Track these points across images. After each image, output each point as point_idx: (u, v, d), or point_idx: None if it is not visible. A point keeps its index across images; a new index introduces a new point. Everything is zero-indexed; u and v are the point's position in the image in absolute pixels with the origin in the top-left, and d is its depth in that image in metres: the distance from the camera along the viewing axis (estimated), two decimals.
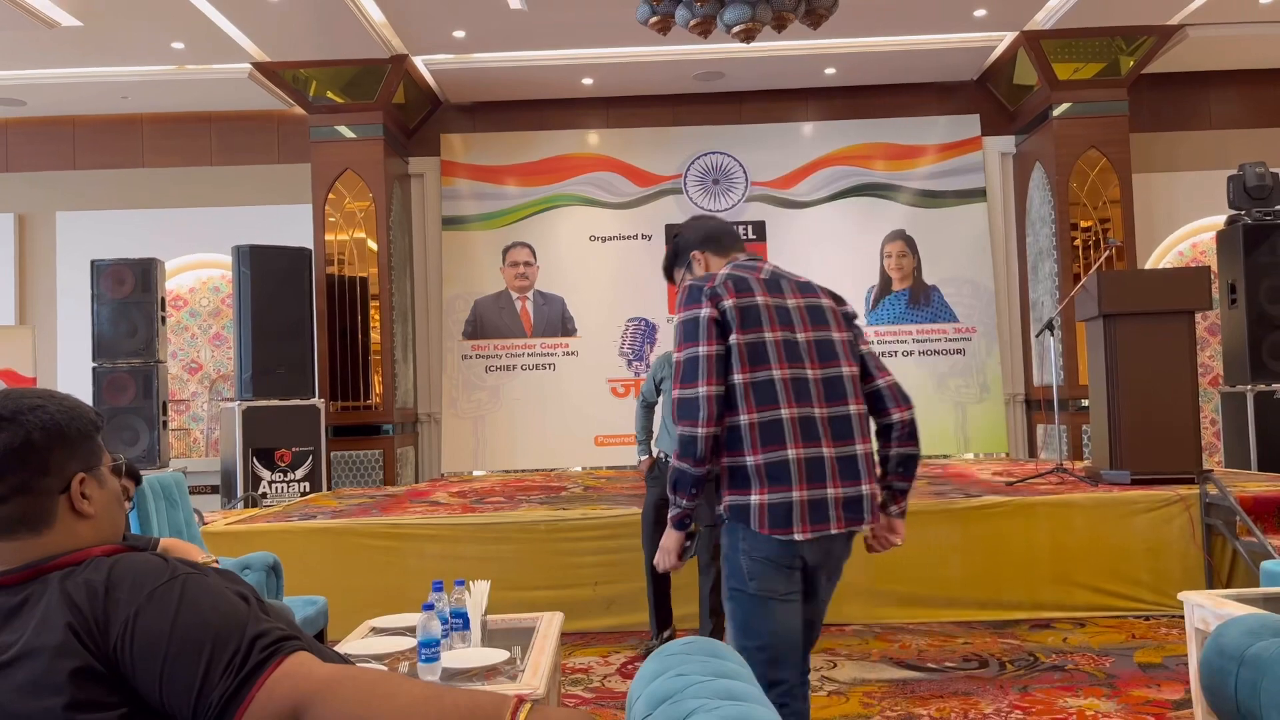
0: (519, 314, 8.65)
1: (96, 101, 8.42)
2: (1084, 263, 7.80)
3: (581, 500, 5.92)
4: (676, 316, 2.36)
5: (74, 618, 1.18)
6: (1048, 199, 8.06)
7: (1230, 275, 7.09)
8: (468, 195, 8.74)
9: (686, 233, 2.56)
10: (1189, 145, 8.59)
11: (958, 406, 8.44)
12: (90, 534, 1.32)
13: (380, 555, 5.06)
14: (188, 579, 1.23)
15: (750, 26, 5.10)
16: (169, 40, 7.31)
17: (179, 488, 4.13)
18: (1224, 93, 8.64)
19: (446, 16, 7.14)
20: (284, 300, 7.36)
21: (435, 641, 2.35)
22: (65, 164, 8.85)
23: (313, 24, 7.11)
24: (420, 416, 8.71)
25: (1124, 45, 7.71)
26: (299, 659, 1.19)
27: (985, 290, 8.57)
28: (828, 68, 8.28)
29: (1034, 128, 8.29)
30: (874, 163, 8.70)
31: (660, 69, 8.14)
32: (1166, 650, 4.32)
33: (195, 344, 8.74)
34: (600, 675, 4.22)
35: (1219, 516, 4.97)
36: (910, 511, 5.14)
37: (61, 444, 1.31)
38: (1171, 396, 5.47)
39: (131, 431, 6.91)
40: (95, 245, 7.98)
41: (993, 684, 3.90)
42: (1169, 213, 8.53)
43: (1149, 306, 5.51)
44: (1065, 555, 5.04)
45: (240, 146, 8.82)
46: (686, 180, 8.73)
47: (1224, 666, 1.85)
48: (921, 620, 4.94)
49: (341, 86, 7.97)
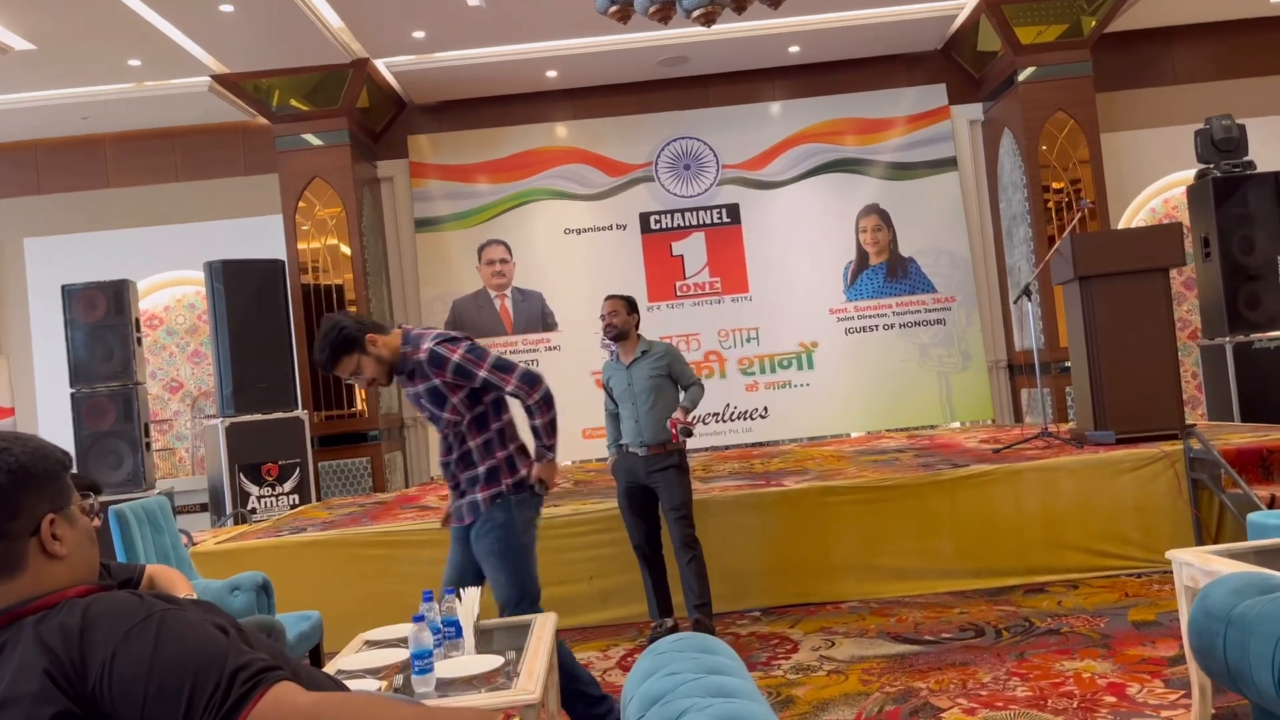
0: (498, 312, 8.62)
1: (57, 124, 8.31)
2: (1058, 225, 7.82)
3: (572, 495, 5.91)
4: (455, 357, 3.17)
5: (50, 663, 1.16)
6: (1018, 164, 8.07)
7: (1203, 229, 7.13)
8: (439, 195, 8.69)
9: (347, 327, 3.16)
10: (1155, 102, 8.62)
11: (941, 376, 8.46)
12: (64, 575, 1.31)
13: (373, 564, 5.04)
14: (165, 615, 1.22)
15: (710, 10, 5.08)
16: (125, 58, 7.22)
17: (163, 512, 4.10)
18: (1186, 48, 8.67)
19: (404, 17, 7.08)
20: (260, 313, 7.31)
21: (428, 653, 2.34)
22: (29, 189, 8.74)
23: (269, 33, 7.03)
24: (406, 421, 8.67)
25: (1085, 5, 7.72)
26: (281, 690, 1.18)
27: (962, 259, 8.59)
28: (791, 46, 8.26)
29: (1000, 94, 8.30)
30: (844, 138, 8.70)
31: (624, 57, 8.10)
32: (1160, 607, 4.35)
33: (174, 362, 8.67)
34: (600, 669, 4.23)
35: (1204, 471, 5.01)
36: (900, 485, 5.23)
37: (29, 486, 1.30)
38: (1151, 354, 5.50)
39: (115, 455, 6.86)
40: (66, 269, 7.90)
41: (990, 652, 3.93)
42: (1139, 170, 8.56)
43: (1123, 266, 5.53)
44: (1055, 519, 5.07)
45: (206, 161, 8.74)
46: (657, 167, 8.70)
47: (1211, 627, 1.87)
48: (917, 593, 4.96)
49: (304, 94, 7.89)
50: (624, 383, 4.57)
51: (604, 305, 4.64)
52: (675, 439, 4.45)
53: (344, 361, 3.15)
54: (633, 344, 4.60)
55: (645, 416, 4.49)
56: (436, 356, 3.17)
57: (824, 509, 5.11)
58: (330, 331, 3.14)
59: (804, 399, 8.44)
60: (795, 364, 8.50)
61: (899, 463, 5.90)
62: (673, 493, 4.48)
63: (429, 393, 3.24)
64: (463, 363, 3.19)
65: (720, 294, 8.56)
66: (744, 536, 5.05)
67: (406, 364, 3.23)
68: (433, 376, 3.20)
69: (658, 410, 4.49)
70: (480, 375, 3.22)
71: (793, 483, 5.37)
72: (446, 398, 3.23)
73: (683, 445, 4.54)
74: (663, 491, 4.49)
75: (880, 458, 6.29)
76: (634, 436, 4.52)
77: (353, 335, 3.14)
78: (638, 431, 4.50)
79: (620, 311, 4.58)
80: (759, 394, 8.47)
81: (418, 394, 3.26)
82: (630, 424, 4.54)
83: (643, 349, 4.60)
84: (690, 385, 4.56)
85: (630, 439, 4.54)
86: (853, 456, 6.57)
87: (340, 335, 3.13)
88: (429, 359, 3.18)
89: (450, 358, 3.18)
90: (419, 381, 3.23)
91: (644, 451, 4.49)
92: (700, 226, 8.66)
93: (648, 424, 4.48)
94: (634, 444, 4.52)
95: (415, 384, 3.25)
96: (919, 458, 6.05)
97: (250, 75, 7.74)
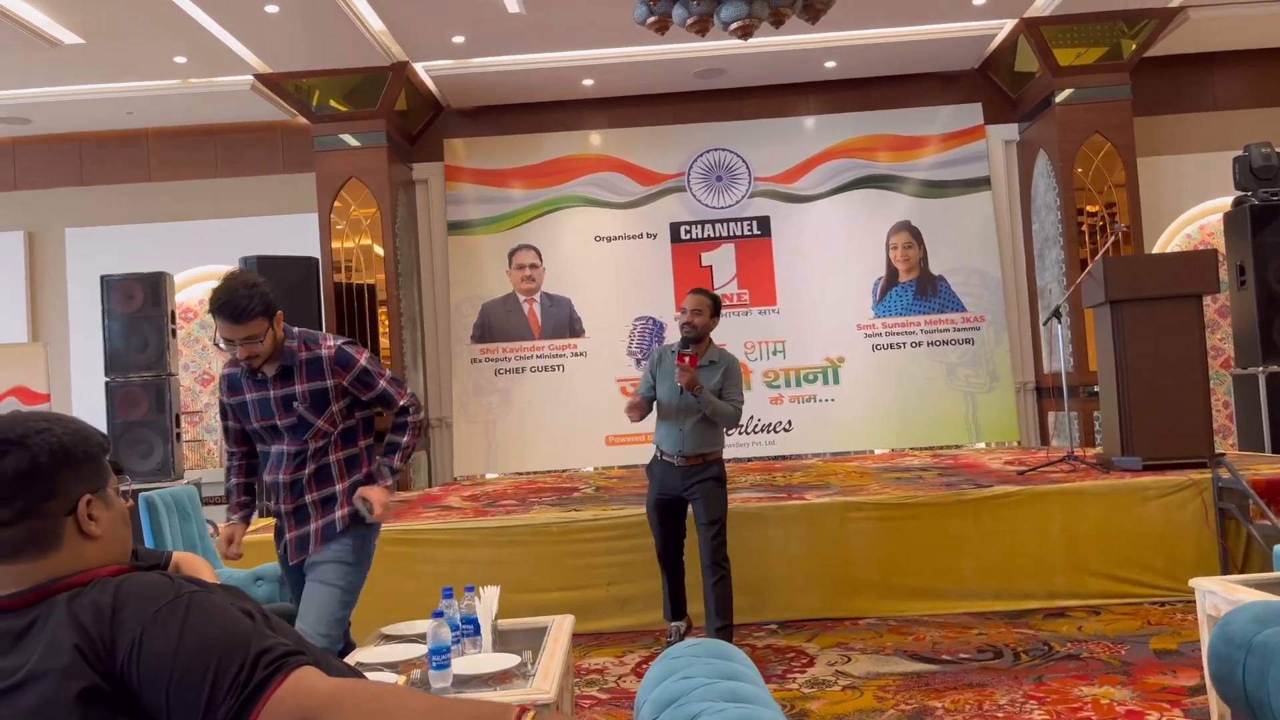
0: (527, 316, 8.67)
1: (102, 117, 8.47)
2: (1090, 248, 7.76)
3: (593, 501, 5.93)
4: (361, 360, 3.06)
5: (81, 639, 1.19)
6: (1052, 185, 8.03)
7: (1238, 257, 7.05)
8: (472, 199, 8.76)
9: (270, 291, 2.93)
10: (1193, 127, 8.54)
11: (968, 396, 8.42)
12: (97, 555, 1.34)
13: (394, 561, 5.07)
14: (193, 598, 1.25)
15: (747, 23, 5.09)
16: (171, 55, 7.35)
17: (191, 501, 4.16)
18: (1227, 73, 8.59)
19: (445, 22, 7.16)
20: (293, 309, 7.31)
21: (445, 649, 2.37)
22: (73, 180, 8.91)
23: (313, 34, 7.13)
24: (432, 421, 8.73)
25: (1125, 29, 7.67)
26: (303, 674, 1.20)
27: (992, 279, 8.55)
28: (828, 61, 8.27)
29: (1037, 115, 8.25)
30: (877, 154, 8.69)
31: (660, 68, 8.14)
32: (1182, 636, 4.31)
33: (206, 355, 8.79)
34: (615, 675, 4.24)
35: (1232, 500, 4.95)
36: (922, 503, 5.20)
37: (68, 466, 1.33)
38: (1182, 381, 5.44)
39: (145, 445, 6.96)
40: (104, 260, 8.04)
41: (1007, 674, 3.90)
42: (1175, 196, 8.49)
43: (1156, 291, 5.49)
44: (1078, 543, 5.03)
45: (245, 158, 8.87)
46: (690, 178, 8.73)
47: (1231, 655, 1.85)
48: (935, 612, 4.93)
49: (344, 95, 8.00)
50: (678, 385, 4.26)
51: (687, 300, 4.34)
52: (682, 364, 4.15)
53: (257, 322, 2.87)
54: (704, 348, 4.34)
55: (690, 428, 4.28)
56: (345, 356, 3.01)
57: (845, 525, 5.09)
58: (259, 286, 2.89)
59: (829, 414, 8.42)
60: (821, 378, 8.48)
61: (922, 481, 5.88)
62: (710, 507, 4.27)
63: (313, 394, 3.00)
64: (368, 367, 3.04)
65: (748, 306, 8.57)
66: (764, 549, 5.04)
67: (288, 358, 2.99)
68: (329, 376, 3.00)
69: (705, 424, 4.29)
70: (380, 385, 3.07)
71: (814, 497, 5.36)
72: (329, 404, 3.01)
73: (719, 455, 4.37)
74: (700, 505, 4.29)
75: (903, 475, 6.27)
76: (674, 445, 4.32)
77: (274, 302, 2.93)
78: (679, 440, 4.30)
79: (704, 311, 4.29)
80: (783, 407, 8.45)
81: (292, 395, 2.99)
82: (673, 431, 4.33)
83: (711, 358, 4.34)
84: (730, 400, 4.29)
85: (669, 447, 4.35)
86: (876, 473, 6.54)
87: (267, 296, 2.89)
88: (336, 357, 3.00)
89: (358, 360, 3.03)
90: (302, 381, 2.99)
91: (680, 462, 4.30)
92: (730, 238, 8.67)
93: (691, 435, 4.29)
94: (671, 452, 4.33)
95: (294, 384, 2.99)
96: (942, 477, 6.02)
97: (292, 75, 7.85)
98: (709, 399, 4.25)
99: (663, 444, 4.39)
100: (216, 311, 2.86)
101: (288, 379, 3.00)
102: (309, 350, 3.00)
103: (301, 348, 3.00)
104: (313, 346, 3.01)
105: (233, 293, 2.85)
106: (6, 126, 8.53)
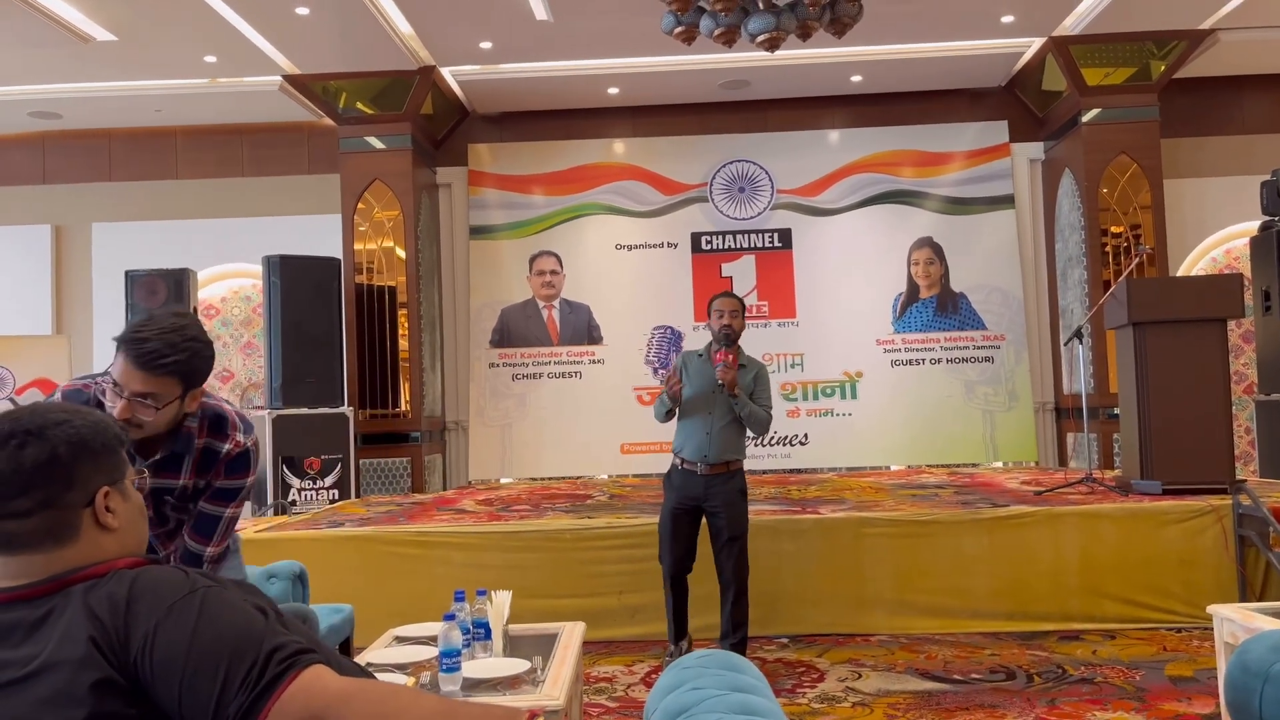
0: (545, 322, 8.69)
1: (131, 114, 8.56)
2: (1114, 269, 7.71)
3: (607, 509, 5.93)
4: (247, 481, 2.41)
5: (96, 630, 1.20)
6: (1077, 205, 7.98)
7: (1264, 282, 6.98)
8: (495, 204, 8.79)
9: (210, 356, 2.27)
10: (1221, 150, 8.48)
11: (986, 415, 8.37)
12: (114, 546, 1.35)
13: (407, 563, 5.09)
14: (207, 593, 1.26)
15: (774, 36, 5.10)
16: (201, 54, 7.42)
17: None
18: (1256, 97, 8.52)
19: (473, 28, 7.20)
20: (314, 309, 7.44)
21: (456, 651, 2.37)
22: (101, 176, 9.00)
23: (341, 36, 7.19)
24: (448, 424, 8.76)
25: (1154, 50, 7.63)
26: (315, 673, 1.20)
27: (1014, 298, 8.50)
28: (854, 75, 8.26)
29: (1063, 134, 8.21)
30: (901, 170, 8.66)
31: (686, 78, 8.15)
32: (1198, 663, 4.25)
33: (227, 352, 8.84)
34: (624, 684, 4.23)
35: (1252, 528, 4.89)
36: (938, 521, 5.17)
37: (86, 458, 1.34)
38: (1203, 405, 5.39)
39: None
40: (130, 256, 8.11)
41: (1019, 696, 3.87)
42: (1201, 219, 8.42)
43: (1180, 314, 5.45)
44: (1095, 566, 4.98)
45: (271, 158, 8.94)
46: (712, 188, 8.73)
47: (1248, 684, 1.83)
48: (948, 631, 4.90)
49: (370, 98, 8.05)
50: (709, 387, 4.22)
51: (721, 302, 4.30)
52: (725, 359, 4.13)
53: (166, 382, 2.15)
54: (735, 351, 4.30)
55: (718, 432, 4.21)
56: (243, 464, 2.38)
57: (859, 540, 5.07)
58: (195, 343, 2.20)
59: (845, 428, 8.39)
60: (839, 393, 8.46)
61: (938, 499, 5.84)
62: (734, 519, 4.21)
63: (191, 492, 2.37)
64: (243, 490, 2.41)
65: (767, 318, 8.55)
66: (777, 562, 5.02)
67: (182, 445, 2.31)
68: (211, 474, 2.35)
69: (732, 430, 4.24)
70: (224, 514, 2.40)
71: (829, 511, 5.34)
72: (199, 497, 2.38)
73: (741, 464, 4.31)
74: (721, 519, 4.21)
75: (919, 492, 6.23)
76: (697, 451, 4.22)
77: (201, 372, 2.24)
78: (704, 445, 4.20)
79: (740, 314, 4.29)
80: (800, 420, 8.43)
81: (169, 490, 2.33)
82: (699, 435, 4.23)
83: (742, 361, 4.29)
84: (762, 406, 4.26)
85: (692, 453, 4.24)
86: (891, 489, 6.51)
87: (196, 361, 2.20)
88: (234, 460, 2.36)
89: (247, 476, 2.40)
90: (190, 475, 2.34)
91: (703, 469, 4.21)
92: (751, 249, 8.66)
93: (717, 440, 4.21)
94: (695, 458, 4.23)
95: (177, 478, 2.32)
96: (959, 495, 5.98)
97: (319, 77, 7.91)
98: (745, 401, 4.22)
99: (684, 449, 4.30)
100: (123, 342, 2.14)
101: (171, 470, 2.31)
102: (210, 437, 2.34)
103: (202, 432, 2.32)
104: (217, 435, 2.34)
105: (156, 332, 2.13)
106: (37, 121, 8.63)
